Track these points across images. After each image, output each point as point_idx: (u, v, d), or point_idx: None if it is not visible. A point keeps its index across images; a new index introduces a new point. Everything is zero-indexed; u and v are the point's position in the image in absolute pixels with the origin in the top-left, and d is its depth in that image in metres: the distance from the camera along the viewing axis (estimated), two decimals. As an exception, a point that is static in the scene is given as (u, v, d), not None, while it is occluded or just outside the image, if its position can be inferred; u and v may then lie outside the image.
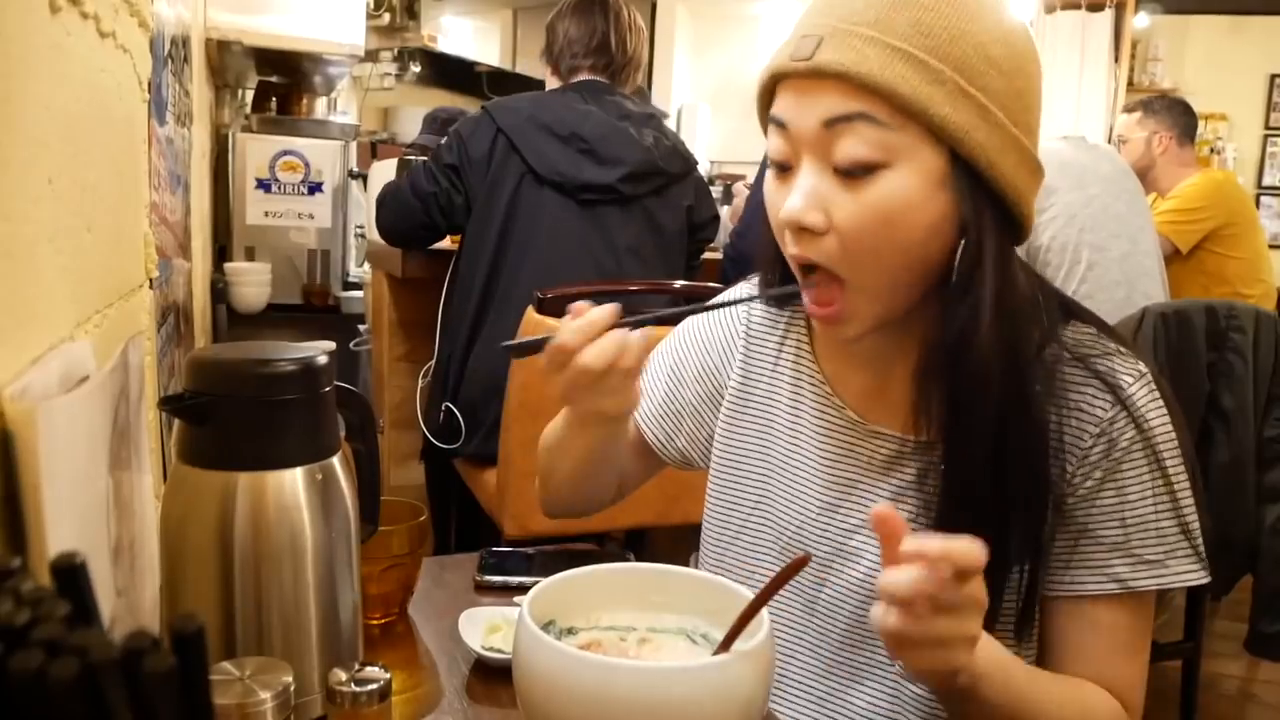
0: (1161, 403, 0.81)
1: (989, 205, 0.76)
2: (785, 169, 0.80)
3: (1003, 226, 0.78)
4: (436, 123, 3.66)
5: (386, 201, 2.10)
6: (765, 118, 0.83)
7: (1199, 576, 0.80)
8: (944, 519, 0.79)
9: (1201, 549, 0.80)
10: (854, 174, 0.75)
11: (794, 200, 0.77)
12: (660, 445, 1.05)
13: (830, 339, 0.92)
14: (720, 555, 0.98)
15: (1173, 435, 0.81)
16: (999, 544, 0.77)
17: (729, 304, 0.98)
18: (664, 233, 2.07)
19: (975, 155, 0.74)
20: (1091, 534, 0.80)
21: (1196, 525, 0.80)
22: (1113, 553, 0.80)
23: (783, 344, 0.96)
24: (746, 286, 1.00)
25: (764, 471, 0.95)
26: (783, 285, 0.90)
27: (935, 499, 0.82)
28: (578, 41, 2.07)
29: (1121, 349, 0.83)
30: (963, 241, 0.76)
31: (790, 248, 0.80)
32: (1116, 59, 5.37)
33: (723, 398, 1.00)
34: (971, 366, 0.77)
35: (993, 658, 0.73)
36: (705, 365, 1.02)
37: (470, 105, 4.40)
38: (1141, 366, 0.82)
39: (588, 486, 1.03)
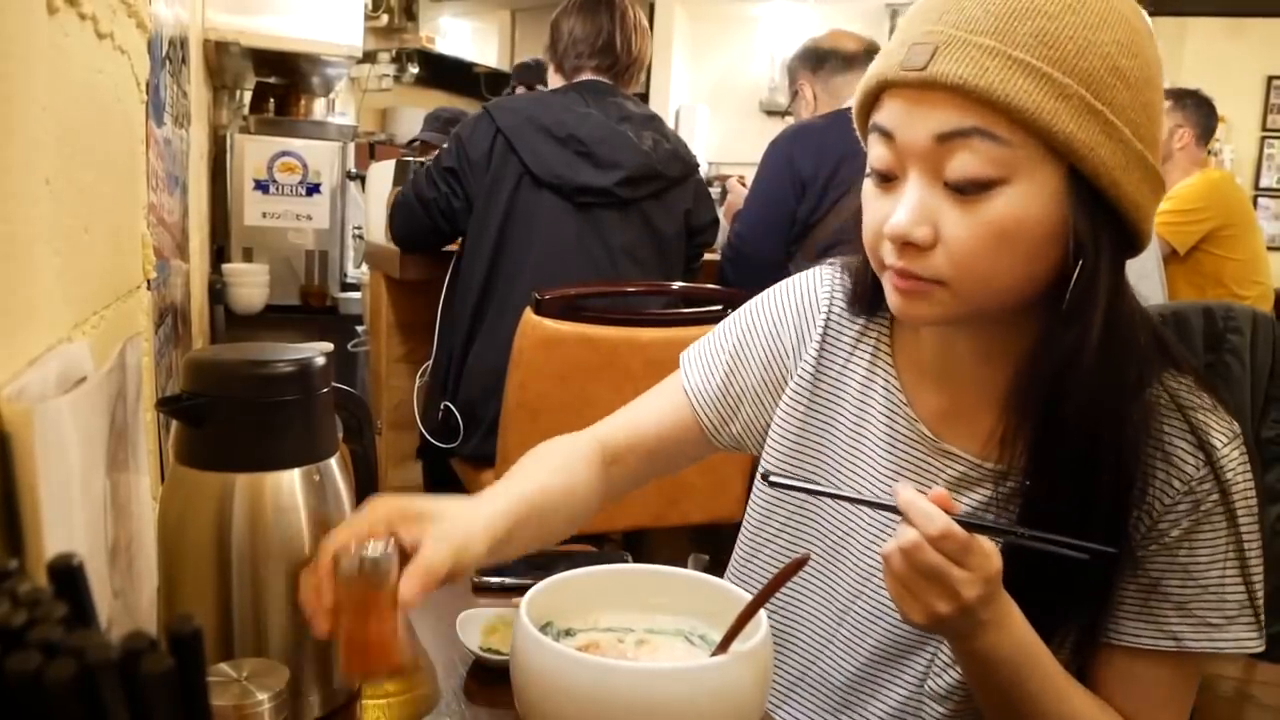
0: (1249, 467, 0.79)
1: (1107, 223, 0.73)
2: (888, 179, 0.76)
3: (1119, 244, 0.75)
4: (439, 121, 3.68)
5: (396, 210, 2.11)
6: (864, 123, 0.79)
7: (1256, 644, 0.79)
8: (1015, 550, 0.75)
9: (1262, 616, 0.79)
10: (966, 190, 0.71)
11: (900, 215, 0.73)
12: (713, 429, 0.98)
13: (912, 348, 0.89)
14: (755, 551, 0.96)
15: (1253, 501, 0.79)
16: (1067, 584, 0.77)
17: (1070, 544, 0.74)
18: (661, 236, 2.07)
19: (1098, 173, 0.70)
20: (1160, 589, 0.79)
21: (1261, 594, 0.79)
22: (1176, 611, 0.79)
23: (860, 340, 0.92)
24: (828, 270, 0.96)
25: (818, 469, 0.92)
26: (872, 291, 0.86)
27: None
28: (583, 41, 2.06)
29: (1217, 405, 0.80)
30: (1079, 264, 0.72)
31: (891, 259, 0.76)
32: (1114, 60, 5.37)
33: (786, 384, 0.96)
34: (1072, 398, 0.74)
35: (1019, 638, 0.75)
36: (774, 349, 0.96)
37: (469, 106, 4.41)
38: (1235, 426, 0.80)
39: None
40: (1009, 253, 0.72)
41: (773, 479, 0.81)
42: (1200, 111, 3.19)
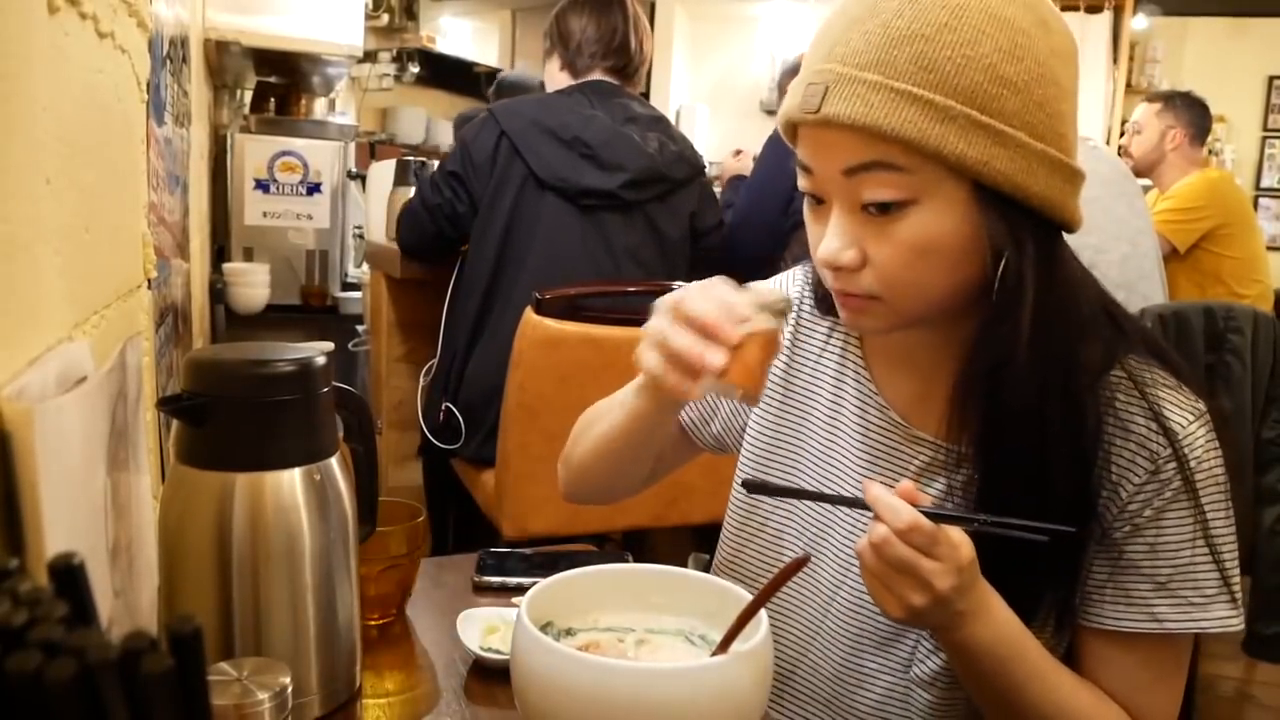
0: (1217, 444, 0.80)
1: (1024, 223, 0.75)
2: (819, 201, 0.80)
3: (1043, 234, 0.77)
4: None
5: (403, 219, 2.10)
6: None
7: (1238, 623, 0.80)
8: (985, 535, 0.76)
9: (1238, 595, 0.80)
10: (883, 211, 0.75)
11: (829, 242, 0.77)
12: (695, 428, 1.04)
13: (879, 337, 0.91)
14: (740, 548, 0.98)
15: (1222, 478, 0.79)
16: (1039, 564, 0.78)
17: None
18: (666, 239, 2.06)
19: (999, 183, 0.73)
20: (1137, 570, 0.80)
21: (1236, 572, 0.80)
22: (1155, 592, 0.79)
23: (830, 336, 0.96)
24: (800, 272, 0.99)
25: (795, 464, 0.95)
26: (830, 294, 0.89)
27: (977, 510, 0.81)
28: (596, 41, 2.04)
29: (1182, 384, 0.81)
30: (998, 265, 0.74)
31: (830, 281, 0.80)
32: (1115, 61, 5.37)
33: None
34: (1010, 390, 0.76)
35: (1000, 628, 0.76)
36: None
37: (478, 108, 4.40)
38: (1200, 404, 0.80)
39: (629, 459, 0.98)
40: (932, 266, 0.76)
41: (747, 483, 0.83)
42: (1192, 111, 3.20)
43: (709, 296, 0.77)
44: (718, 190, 2.73)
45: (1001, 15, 0.73)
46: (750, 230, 2.34)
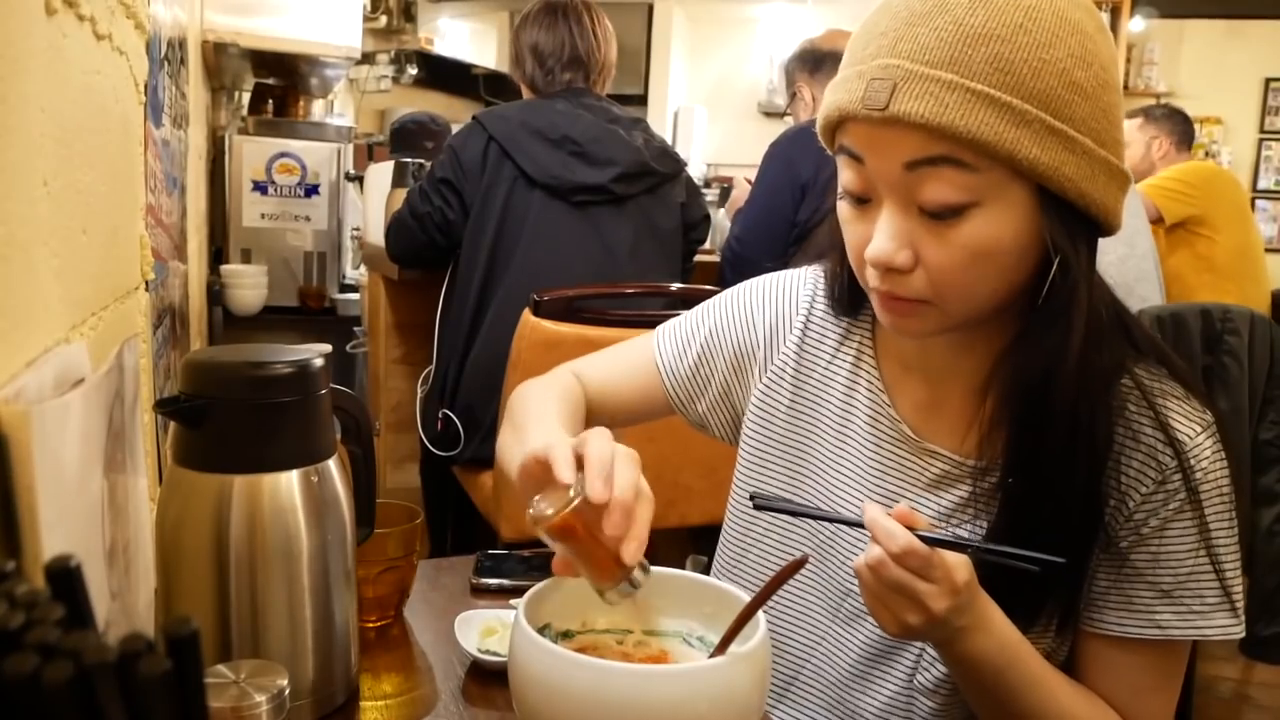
0: (1224, 455, 0.80)
1: (1080, 227, 0.75)
2: (863, 200, 0.77)
3: (1091, 240, 0.76)
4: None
5: (393, 230, 2.11)
6: (830, 141, 0.80)
7: (1238, 630, 0.80)
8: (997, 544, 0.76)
9: (1239, 604, 0.80)
10: (941, 215, 0.73)
11: (881, 242, 0.75)
12: (682, 405, 1.03)
13: (894, 343, 0.90)
14: (742, 553, 0.97)
15: (1227, 489, 0.80)
16: (1042, 575, 0.76)
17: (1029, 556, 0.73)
18: (661, 232, 2.08)
19: (1065, 188, 0.72)
20: (1141, 577, 0.80)
21: (1238, 581, 0.80)
22: (1159, 599, 0.79)
23: (844, 340, 0.94)
24: (812, 272, 0.98)
25: (801, 471, 0.94)
26: (850, 294, 0.89)
27: (987, 523, 0.82)
28: (551, 55, 2.07)
29: (1190, 395, 0.81)
30: (1055, 269, 0.74)
31: (875, 282, 0.78)
32: (1112, 62, 5.39)
33: (751, 375, 0.98)
34: (1057, 393, 0.75)
35: (999, 639, 0.76)
36: (745, 340, 0.99)
37: (468, 107, 4.40)
38: (1208, 415, 0.80)
39: None
40: (988, 269, 0.74)
41: (755, 499, 0.83)
42: (1172, 120, 3.33)
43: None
44: (712, 193, 2.73)
45: (1071, 19, 0.72)
46: (754, 248, 2.34)
